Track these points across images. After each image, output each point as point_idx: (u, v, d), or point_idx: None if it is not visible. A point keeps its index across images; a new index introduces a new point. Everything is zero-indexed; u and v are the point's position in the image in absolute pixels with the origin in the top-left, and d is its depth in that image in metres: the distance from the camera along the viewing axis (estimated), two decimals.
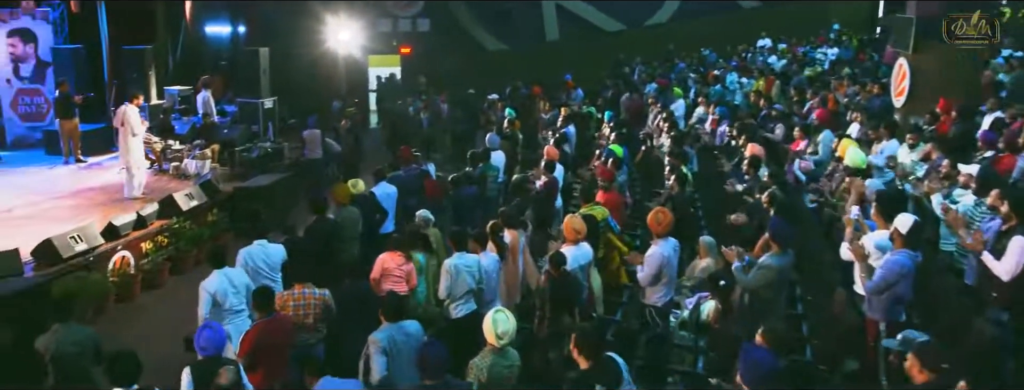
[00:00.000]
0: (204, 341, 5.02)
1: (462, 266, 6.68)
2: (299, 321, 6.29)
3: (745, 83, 16.85)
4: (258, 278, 7.11)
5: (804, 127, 10.73)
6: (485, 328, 4.96)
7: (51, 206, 11.29)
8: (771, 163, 9.97)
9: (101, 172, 13.46)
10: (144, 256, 9.94)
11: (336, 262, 8.07)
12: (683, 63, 20.97)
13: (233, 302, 6.64)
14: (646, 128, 14.24)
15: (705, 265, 7.41)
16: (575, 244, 6.87)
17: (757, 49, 22.00)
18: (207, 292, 6.59)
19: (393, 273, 7.17)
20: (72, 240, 8.86)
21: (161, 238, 10.27)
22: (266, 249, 7.26)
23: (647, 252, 6.70)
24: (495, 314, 4.96)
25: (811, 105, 12.95)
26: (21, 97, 15.31)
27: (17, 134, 15.37)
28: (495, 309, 5.09)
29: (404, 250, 7.18)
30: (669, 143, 10.88)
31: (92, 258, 9.07)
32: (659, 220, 6.57)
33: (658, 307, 6.71)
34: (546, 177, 9.93)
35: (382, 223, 9.30)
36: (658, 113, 14.26)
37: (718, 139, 12.88)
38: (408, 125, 15.27)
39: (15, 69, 15.22)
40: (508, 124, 13.87)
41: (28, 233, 9.69)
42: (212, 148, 13.35)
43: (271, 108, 15.16)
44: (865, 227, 6.22)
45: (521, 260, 7.73)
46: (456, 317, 6.77)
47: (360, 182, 9.20)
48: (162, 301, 9.63)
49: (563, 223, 6.97)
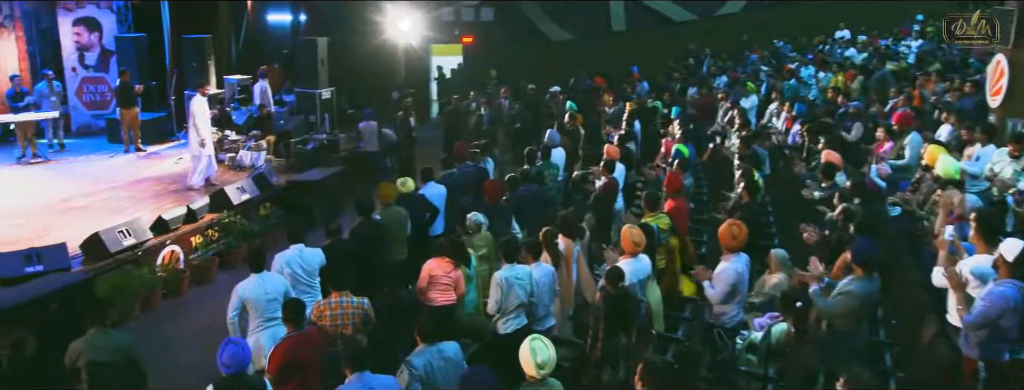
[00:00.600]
0: (227, 358, 4.71)
1: (514, 279, 6.23)
2: (337, 332, 5.95)
3: (822, 78, 15.88)
4: (296, 284, 6.82)
5: (888, 128, 9.87)
6: (522, 358, 4.51)
7: (108, 196, 11.28)
8: (849, 167, 9.24)
9: (159, 161, 13.48)
10: (193, 251, 9.80)
11: (379, 267, 7.70)
12: (755, 55, 19.99)
13: (269, 309, 6.34)
14: (715, 125, 13.54)
15: (776, 281, 6.78)
16: (633, 256, 6.35)
17: (835, 41, 20.82)
18: (239, 296, 6.33)
19: (441, 281, 6.79)
20: (120, 234, 8.74)
21: (211, 232, 10.12)
22: (303, 254, 6.94)
23: (717, 268, 6.14)
24: (532, 342, 4.51)
25: (895, 103, 12.02)
26: (86, 85, 15.49)
27: (81, 122, 15.56)
28: (532, 337, 4.61)
29: (452, 256, 6.77)
30: (739, 144, 10.17)
31: (140, 252, 8.95)
32: (734, 234, 6.00)
33: (727, 327, 6.15)
34: (606, 177, 9.41)
35: (431, 223, 8.91)
36: (728, 109, 13.53)
37: (792, 138, 12.09)
38: (464, 122, 14.76)
39: (80, 58, 15.40)
40: (569, 119, 13.32)
41: (82, 224, 9.70)
42: (268, 139, 13.21)
43: (329, 99, 14.94)
44: (961, 250, 5.53)
45: (575, 269, 7.27)
46: (505, 332, 6.32)
47: (410, 180, 8.80)
48: (211, 297, 9.41)
49: (621, 233, 6.43)
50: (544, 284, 6.47)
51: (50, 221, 10.02)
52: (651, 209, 7.39)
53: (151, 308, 8.89)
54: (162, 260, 9.25)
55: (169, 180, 12.23)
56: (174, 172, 12.67)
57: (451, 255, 6.78)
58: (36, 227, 9.76)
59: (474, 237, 7.80)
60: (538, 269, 6.46)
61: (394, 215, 8.25)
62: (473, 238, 7.79)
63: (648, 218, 7.25)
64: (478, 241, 7.80)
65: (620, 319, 5.87)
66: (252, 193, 10.93)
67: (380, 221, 8.05)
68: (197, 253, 9.82)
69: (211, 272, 9.81)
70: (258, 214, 11.00)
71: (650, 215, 7.32)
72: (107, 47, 15.41)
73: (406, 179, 8.79)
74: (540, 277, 6.44)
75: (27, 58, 14.95)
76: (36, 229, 9.67)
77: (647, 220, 7.18)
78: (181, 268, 9.47)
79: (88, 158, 13.56)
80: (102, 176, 12.34)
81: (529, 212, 9.20)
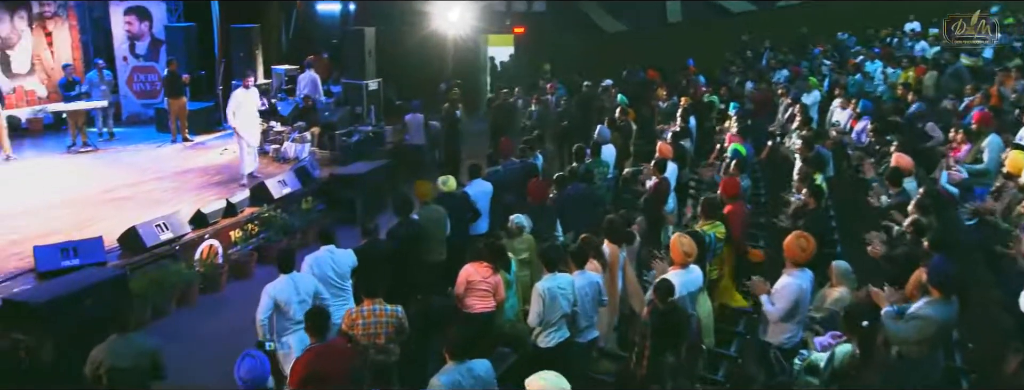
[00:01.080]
0: (245, 372, 4.45)
1: (556, 289, 5.82)
2: (369, 341, 5.65)
3: (890, 73, 15.03)
4: (326, 287, 6.56)
5: (966, 129, 9.15)
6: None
7: (152, 187, 11.23)
8: (921, 171, 8.60)
9: (205, 152, 13.42)
10: (232, 245, 9.64)
11: (415, 270, 7.38)
12: (818, 48, 19.11)
13: (298, 312, 6.07)
14: (775, 123, 12.92)
15: (838, 295, 6.23)
16: (683, 267, 5.90)
17: (904, 34, 19.77)
18: (270, 296, 6.07)
19: (479, 287, 6.45)
20: (157, 228, 8.61)
21: (251, 226, 9.95)
22: (334, 255, 6.66)
23: (779, 283, 5.66)
24: (540, 380, 4.03)
25: (970, 102, 11.23)
26: (136, 75, 15.54)
27: (132, 111, 15.63)
28: (539, 375, 4.10)
29: (490, 261, 6.40)
30: (800, 144, 9.57)
31: (178, 247, 8.80)
32: (802, 247, 5.50)
33: (785, 348, 5.67)
34: (657, 177, 8.94)
35: (472, 223, 8.55)
36: (789, 106, 12.88)
37: (857, 138, 11.41)
38: (509, 118, 14.17)
39: (131, 47, 15.44)
40: (620, 113, 12.82)
41: (124, 215, 9.65)
42: (312, 131, 13.01)
43: (375, 90, 14.69)
44: None
45: (621, 277, 6.84)
46: (546, 346, 5.93)
47: (451, 179, 8.43)
48: (249, 292, 9.06)
49: (670, 242, 5.97)
50: (588, 294, 6.05)
51: (92, 212, 9.98)
52: (707, 216, 6.90)
53: (187, 303, 8.76)
54: (200, 255, 9.10)
55: (213, 171, 12.15)
56: (218, 163, 12.59)
57: (489, 259, 6.42)
58: (79, 218, 9.73)
59: (515, 240, 7.44)
60: (582, 277, 6.04)
61: (432, 214, 7.91)
62: (514, 241, 7.43)
63: (704, 225, 6.77)
64: (519, 244, 7.44)
65: (669, 336, 5.46)
66: (293, 186, 10.73)
67: (418, 221, 7.72)
68: (236, 247, 9.65)
69: (250, 267, 9.64)
70: (299, 208, 10.79)
71: (706, 222, 6.84)
72: (157, 36, 15.43)
73: (448, 178, 8.43)
74: (583, 286, 6.03)
75: (80, 47, 15.07)
76: (78, 220, 9.63)
77: (703, 227, 6.70)
78: (219, 263, 9.31)
79: (136, 148, 13.58)
80: (148, 166, 12.32)
81: (576, 213, 8.80)
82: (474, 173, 8.99)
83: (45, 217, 9.75)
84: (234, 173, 11.77)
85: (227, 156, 12.84)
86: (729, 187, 7.52)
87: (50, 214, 9.86)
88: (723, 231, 6.86)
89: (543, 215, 8.04)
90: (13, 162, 12.22)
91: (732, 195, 7.45)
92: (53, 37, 14.62)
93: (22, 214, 9.85)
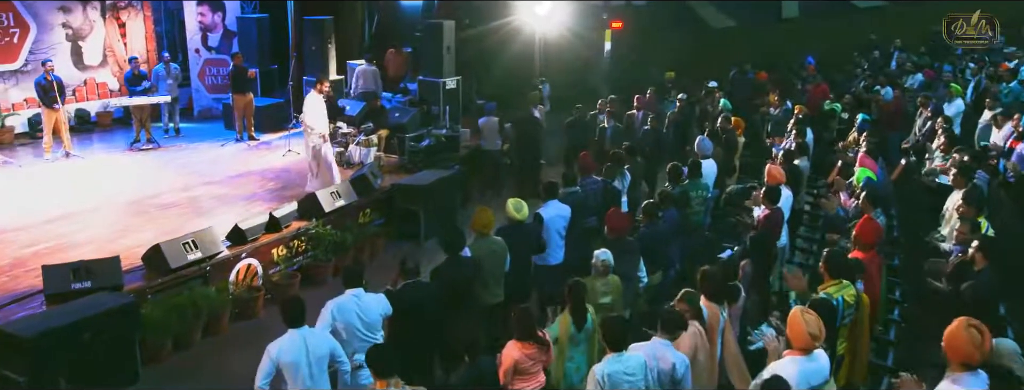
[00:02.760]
0: None
1: (621, 376, 4.39)
2: None
3: None
4: (352, 340, 5.35)
5: None
6: None
7: (201, 193, 10.39)
8: None
9: (268, 153, 12.55)
10: (274, 265, 8.57)
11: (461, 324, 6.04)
12: (960, 49, 16.70)
13: (307, 380, 4.87)
14: (909, 138, 10.98)
15: None
16: (806, 354, 4.34)
17: None
18: (271, 358, 4.89)
19: (529, 369, 5.05)
20: (185, 247, 7.59)
21: (297, 243, 8.87)
22: (361, 301, 5.43)
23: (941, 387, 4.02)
24: None
25: None
26: (208, 68, 14.88)
27: (203, 105, 15.00)
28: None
29: (533, 339, 4.99)
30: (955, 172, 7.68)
31: (209, 268, 7.78)
32: (975, 343, 3.83)
33: None
34: (768, 208, 7.34)
35: (536, 254, 7.16)
36: (928, 119, 10.92)
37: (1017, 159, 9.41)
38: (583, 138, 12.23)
39: (203, 38, 14.75)
40: (724, 121, 11.15)
41: (163, 226, 8.81)
42: (380, 134, 11.89)
43: (453, 89, 13.44)
44: None
45: (720, 343, 5.35)
46: None
47: (524, 206, 6.99)
48: None
49: (790, 319, 4.40)
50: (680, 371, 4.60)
51: (129, 221, 9.17)
52: (834, 275, 5.24)
53: (217, 332, 7.72)
54: (236, 276, 8.07)
55: (271, 176, 11.21)
56: (278, 166, 11.65)
57: (521, 338, 4.99)
58: (114, 227, 8.94)
59: (598, 281, 6.05)
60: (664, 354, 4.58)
61: (491, 247, 6.52)
62: (597, 282, 6.04)
63: (829, 287, 5.14)
64: (602, 287, 6.08)
65: None
66: (348, 198, 9.57)
67: (471, 258, 6.37)
68: (277, 267, 8.58)
69: (292, 290, 8.52)
70: (356, 222, 9.63)
71: (832, 283, 5.19)
72: (230, 28, 14.67)
73: (521, 204, 6.95)
74: (664, 368, 4.57)
75: (154, 38, 14.50)
76: (113, 230, 8.84)
77: (828, 290, 5.09)
78: (257, 285, 8.26)
79: (197, 146, 12.83)
80: (204, 169, 11.48)
81: (665, 248, 7.30)
82: (551, 193, 7.56)
83: (82, 223, 9.02)
84: (293, 179, 10.79)
85: (291, 157, 11.90)
86: (866, 233, 5.84)
87: (87, 220, 9.13)
88: (853, 293, 5.22)
89: (624, 252, 6.58)
90: (72, 160, 11.64)
91: (868, 243, 5.78)
92: (127, 28, 14.09)
93: (61, 218, 9.13)
